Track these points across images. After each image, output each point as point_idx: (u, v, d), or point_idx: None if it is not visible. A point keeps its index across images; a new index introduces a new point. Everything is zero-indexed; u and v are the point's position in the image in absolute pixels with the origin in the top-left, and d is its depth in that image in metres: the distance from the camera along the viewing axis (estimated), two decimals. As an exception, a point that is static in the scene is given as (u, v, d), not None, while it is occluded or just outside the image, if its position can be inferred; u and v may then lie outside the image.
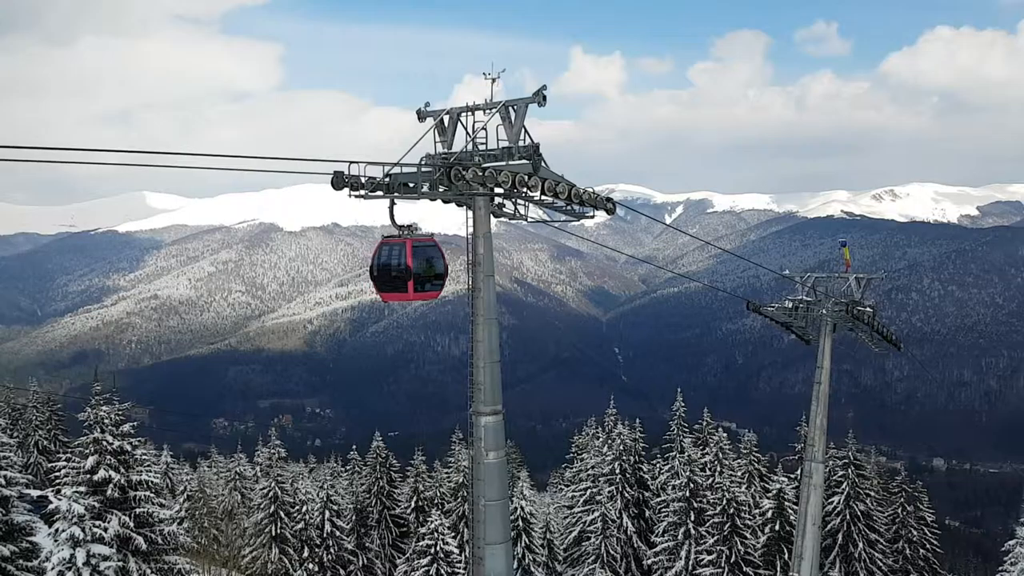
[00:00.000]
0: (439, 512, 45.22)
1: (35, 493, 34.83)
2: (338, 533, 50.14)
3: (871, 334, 34.98)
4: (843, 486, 47.13)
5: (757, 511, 45.40)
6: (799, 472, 40.22)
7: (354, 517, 53.66)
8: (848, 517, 46.74)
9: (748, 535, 42.36)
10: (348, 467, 64.11)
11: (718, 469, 48.08)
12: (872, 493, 49.43)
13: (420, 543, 42.39)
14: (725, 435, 51.66)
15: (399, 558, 50.53)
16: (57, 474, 30.36)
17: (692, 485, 43.75)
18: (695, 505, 43.57)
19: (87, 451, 27.46)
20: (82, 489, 25.81)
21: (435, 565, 40.42)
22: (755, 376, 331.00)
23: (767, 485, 48.00)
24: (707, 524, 42.71)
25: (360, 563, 51.65)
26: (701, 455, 48.97)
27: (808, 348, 35.09)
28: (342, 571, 50.02)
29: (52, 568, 23.49)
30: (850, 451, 47.90)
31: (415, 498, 55.06)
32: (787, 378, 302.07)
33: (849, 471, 47.43)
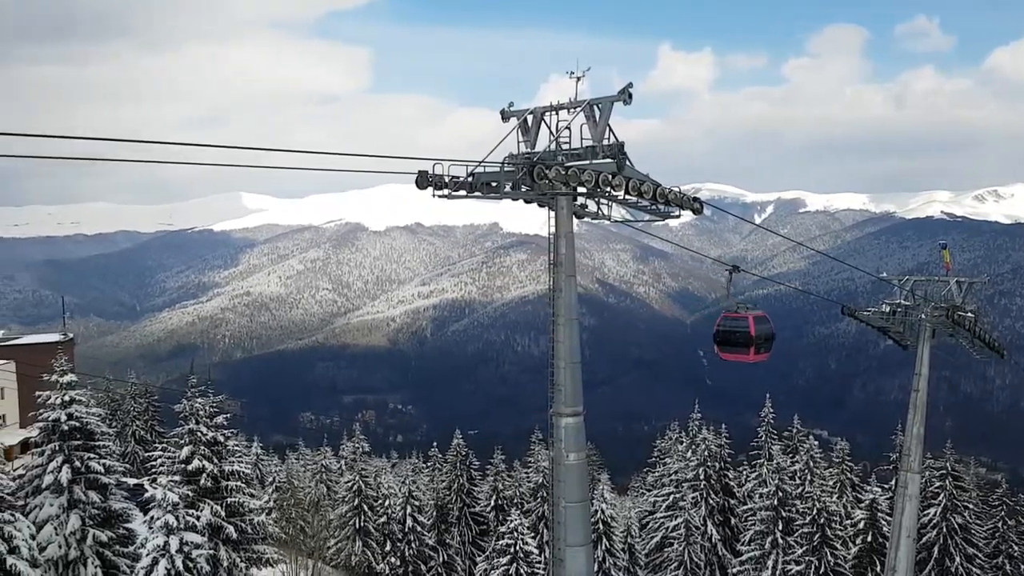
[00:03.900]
0: (519, 512, 45.30)
1: (132, 481, 36.40)
2: (419, 528, 50.76)
3: (972, 340, 33.30)
4: (940, 498, 45.15)
5: (848, 522, 44.23)
6: (894, 482, 38.90)
7: (435, 513, 54.24)
8: (945, 530, 44.75)
9: (839, 546, 41.29)
10: (429, 464, 64.89)
11: (808, 478, 46.76)
12: (971, 505, 47.16)
13: (500, 542, 42.52)
14: (816, 443, 50.25)
15: (479, 556, 50.79)
16: (153, 463, 31.68)
17: (781, 493, 42.72)
18: (783, 514, 42.55)
19: (182, 441, 28.51)
20: (177, 478, 26.78)
21: (515, 564, 40.47)
22: (849, 382, 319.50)
23: (859, 495, 46.64)
24: (796, 534, 41.75)
25: (440, 559, 52.16)
26: (790, 463, 47.75)
27: (905, 354, 33.64)
28: (423, 566, 50.60)
29: (147, 554, 24.38)
30: (948, 461, 45.96)
31: (495, 497, 55.32)
32: (882, 385, 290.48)
33: (947, 482, 45.43)
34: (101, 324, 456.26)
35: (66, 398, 28.56)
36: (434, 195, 17.20)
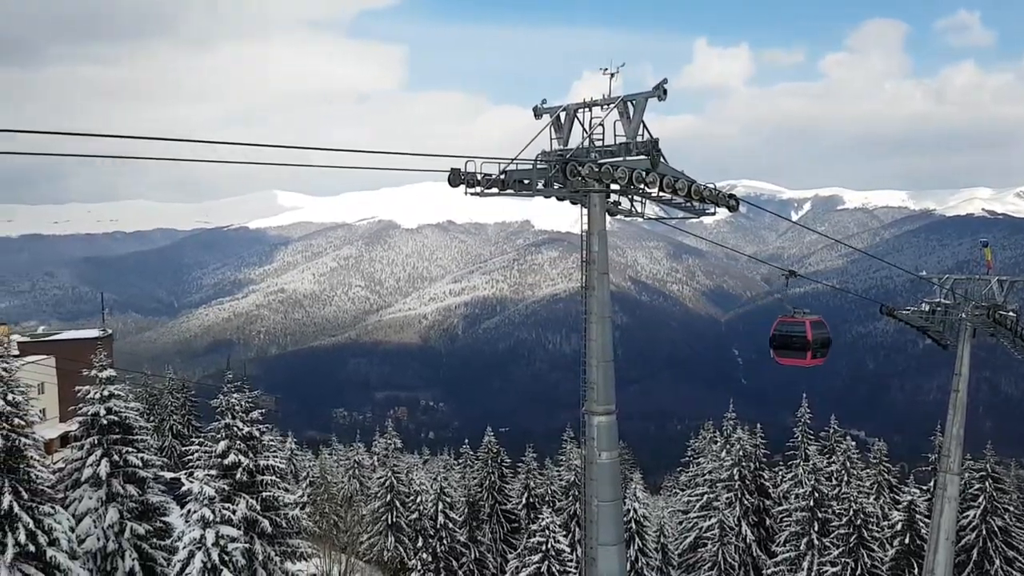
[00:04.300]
0: (550, 510, 45.28)
1: (169, 475, 36.90)
2: (451, 525, 50.89)
3: (1014, 340, 32.57)
4: (980, 500, 44.28)
5: (886, 523, 43.68)
6: (932, 484, 38.31)
7: (466, 510, 54.36)
8: (984, 532, 43.88)
9: (876, 548, 40.81)
10: (460, 460, 65.10)
11: (845, 478, 46.23)
12: (1011, 508, 46.18)
13: (531, 540, 42.50)
14: (853, 443, 49.68)
15: (510, 553, 50.81)
16: (190, 457, 32.09)
17: (817, 494, 42.34)
18: (819, 515, 42.19)
19: (219, 436, 28.80)
20: (213, 472, 27.07)
21: (546, 562, 40.42)
22: (886, 382, 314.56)
23: (897, 497, 45.99)
24: (832, 535, 41.36)
25: (472, 556, 52.27)
26: (827, 463, 47.26)
27: (945, 354, 33.00)
28: (455, 563, 50.73)
29: (183, 547, 24.73)
30: (988, 463, 45.03)
31: (526, 495, 55.33)
32: (921, 385, 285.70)
33: (987, 484, 44.53)
34: (139, 320, 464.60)
35: (105, 393, 29.07)
36: (466, 193, 17.20)
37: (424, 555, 48.51)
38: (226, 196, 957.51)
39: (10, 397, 24.19)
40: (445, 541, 50.05)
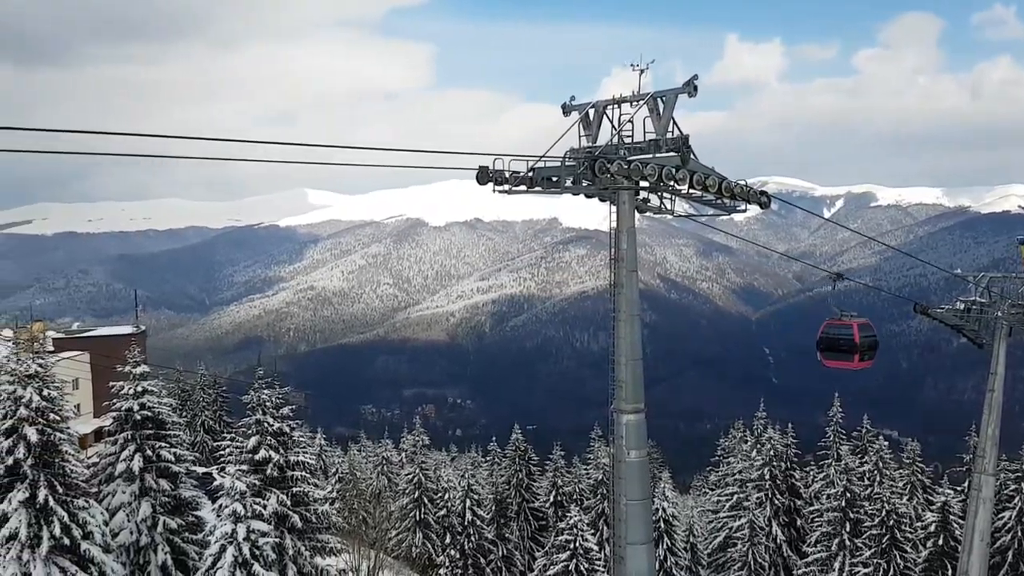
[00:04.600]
0: (578, 508, 45.18)
1: (201, 470, 37.34)
2: (479, 522, 51.02)
3: (1052, 339, 31.86)
4: (1015, 501, 43.42)
5: (919, 524, 43.14)
6: (966, 485, 37.73)
7: (494, 507, 54.46)
8: (1020, 534, 43.03)
9: (908, 549, 40.35)
10: (488, 458, 65.20)
11: (877, 479, 45.70)
12: (1049, 510, 45.28)
13: (559, 538, 42.43)
14: (886, 443, 49.11)
15: (538, 551, 50.81)
16: (221, 452, 32.45)
17: (848, 494, 41.95)
18: (851, 516, 41.81)
19: (249, 432, 29.09)
20: (244, 467, 27.34)
21: (574, 560, 40.33)
22: (920, 382, 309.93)
23: (931, 497, 45.36)
24: (864, 536, 41.02)
25: (500, 553, 52.36)
26: (859, 464, 46.78)
27: (980, 353, 32.38)
28: (482, 560, 50.87)
29: (215, 541, 24.98)
30: (1024, 463, 44.12)
31: (554, 493, 55.28)
32: (955, 384, 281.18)
33: (1023, 485, 43.67)
34: (172, 317, 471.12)
35: (138, 388, 29.47)
36: (494, 190, 17.20)
37: (452, 552, 48.67)
38: (257, 194, 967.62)
39: (45, 393, 24.58)
40: (473, 538, 50.19)
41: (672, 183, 16.06)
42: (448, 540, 49.88)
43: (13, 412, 23.91)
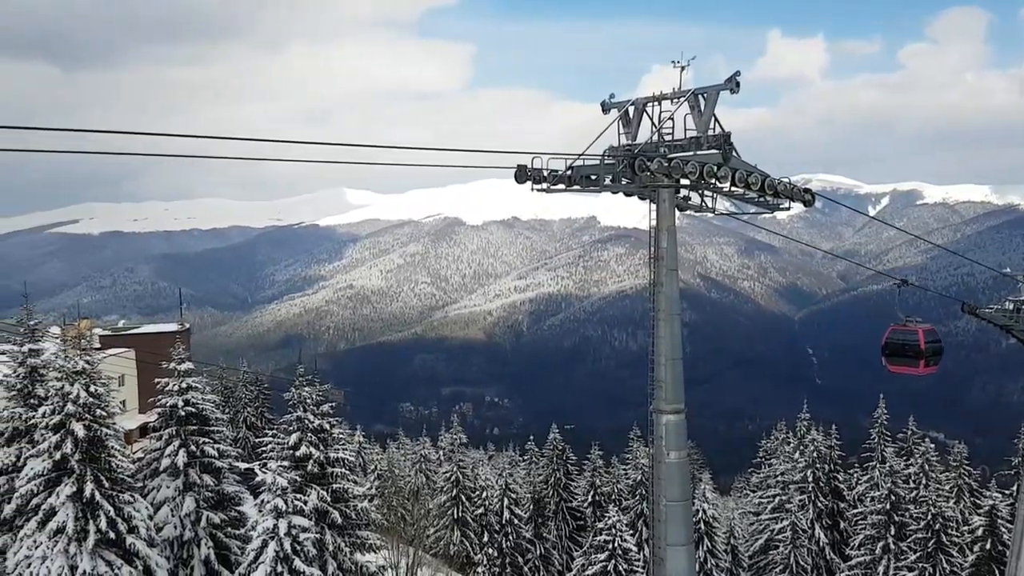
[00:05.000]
0: (616, 508, 44.94)
1: (243, 466, 37.79)
2: (516, 521, 51.01)
3: (1105, 341, 30.82)
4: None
5: (966, 528, 42.26)
6: (1016, 488, 36.75)
7: (532, 506, 54.41)
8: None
9: (955, 553, 39.58)
10: (525, 457, 65.18)
11: (923, 481, 44.70)
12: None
13: (597, 538, 42.26)
14: (932, 446, 47.94)
15: (576, 551, 50.68)
16: (263, 449, 32.84)
17: (893, 497, 41.27)
18: (896, 519, 41.11)
19: (291, 428, 29.40)
20: (285, 464, 27.64)
21: (613, 561, 40.15)
22: (968, 383, 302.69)
23: (978, 501, 44.36)
24: (909, 539, 40.31)
25: (538, 552, 52.31)
26: (904, 466, 45.86)
27: (1031, 354, 31.55)
28: (520, 559, 50.86)
29: (257, 536, 25.26)
30: (1077, 468, 42.93)
31: (592, 492, 55.05)
32: (1004, 386, 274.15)
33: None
34: (215, 315, 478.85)
35: (183, 385, 29.94)
36: (533, 189, 17.14)
37: (490, 550, 48.74)
38: (297, 194, 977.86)
39: (92, 389, 25.07)
40: (511, 537, 50.20)
41: (713, 181, 15.90)
42: (486, 538, 49.95)
43: (61, 408, 24.42)
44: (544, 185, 16.98)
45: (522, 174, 16.73)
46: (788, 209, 17.83)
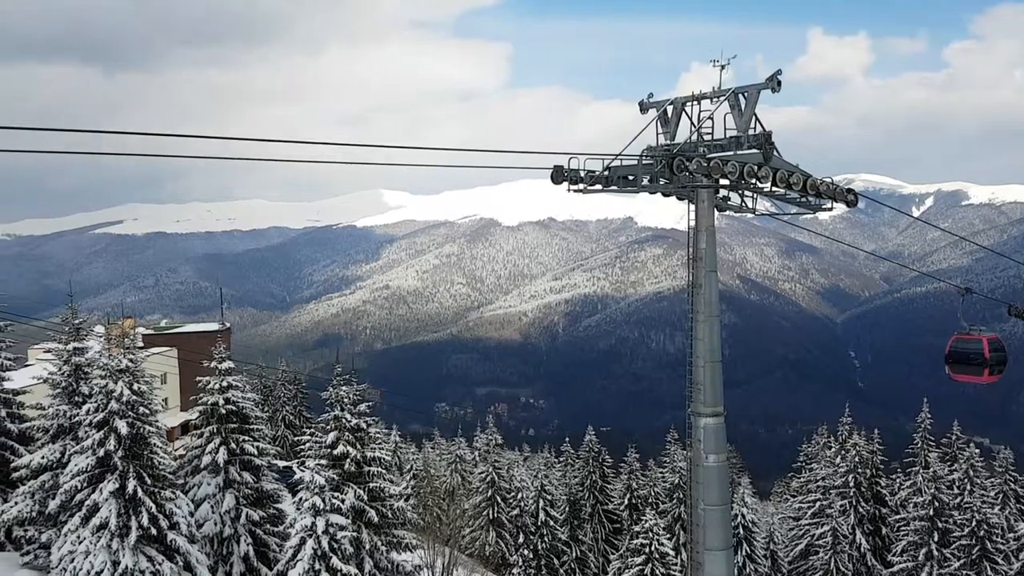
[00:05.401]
0: (653, 512, 44.60)
1: (281, 464, 38.20)
2: (552, 523, 50.88)
3: None
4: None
5: (1011, 535, 41.51)
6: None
7: (567, 508, 54.25)
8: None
9: (1000, 561, 38.86)
10: (561, 458, 64.96)
11: (968, 487, 43.70)
12: None
13: (634, 541, 41.98)
14: (977, 451, 46.78)
15: (612, 554, 50.40)
16: (301, 447, 33.12)
17: (937, 503, 40.46)
18: (940, 525, 40.29)
19: (328, 427, 29.59)
20: (323, 462, 27.82)
21: (650, 565, 39.83)
22: (1015, 388, 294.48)
23: (1025, 508, 43.04)
24: (953, 546, 39.60)
25: (573, 554, 52.13)
26: (948, 472, 44.91)
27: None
28: (555, 560, 50.71)
29: (295, 534, 25.49)
30: None
31: (629, 495, 54.74)
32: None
33: None
34: (255, 314, 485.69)
35: (224, 383, 30.31)
36: (569, 190, 17.05)
37: (525, 551, 48.72)
38: (334, 195, 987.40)
39: (136, 387, 25.47)
40: (546, 539, 50.10)
41: (754, 181, 15.71)
42: (521, 540, 49.93)
43: (105, 405, 24.87)
44: (581, 186, 16.88)
45: (559, 175, 16.65)
46: (830, 210, 17.56)
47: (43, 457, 27.41)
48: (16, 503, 27.35)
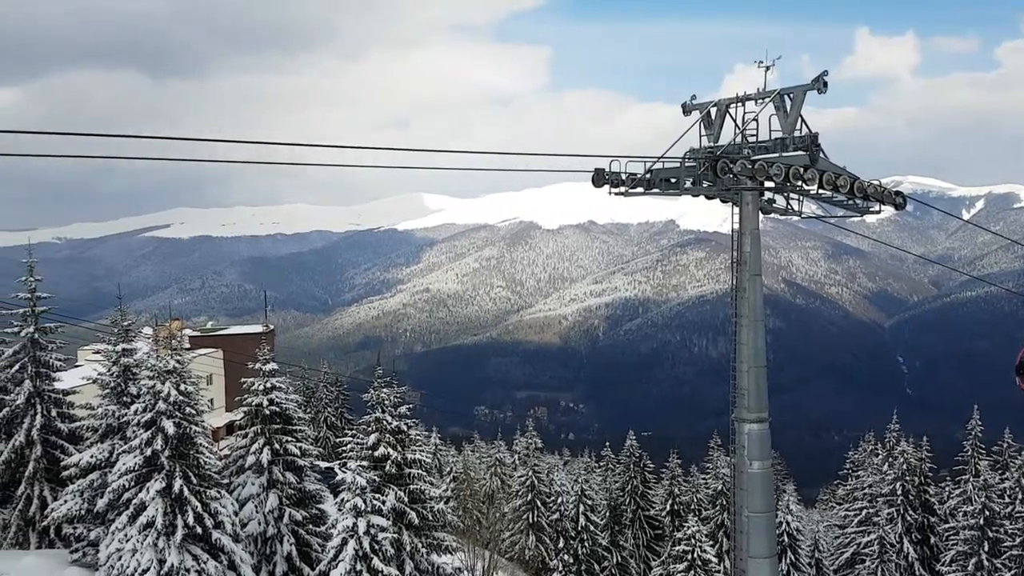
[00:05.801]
0: (696, 518, 44.13)
1: (323, 465, 38.54)
2: (592, 528, 50.61)
3: None
4: None
5: (1067, 548, 39.63)
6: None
7: (608, 513, 53.91)
8: None
9: (1055, 574, 37.13)
10: (602, 463, 64.60)
11: (1019, 496, 42.40)
12: None
13: (676, 548, 41.57)
14: (1030, 460, 45.37)
15: (653, 560, 49.99)
16: (343, 448, 33.37)
17: (988, 512, 39.47)
18: (990, 534, 39.30)
19: (369, 429, 29.80)
20: (364, 463, 28.01)
21: (692, 572, 39.41)
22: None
23: (1081, 519, 41.60)
24: (1003, 556, 38.67)
25: (614, 560, 51.78)
26: (999, 480, 43.65)
27: None
28: (596, 566, 50.42)
29: (337, 534, 25.71)
30: None
31: (670, 501, 54.24)
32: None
33: None
34: (297, 316, 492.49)
35: (268, 385, 30.68)
36: (610, 193, 17.03)
37: (565, 556, 48.51)
38: (376, 199, 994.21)
39: (182, 387, 25.90)
40: (586, 544, 49.83)
41: (800, 183, 15.47)
42: (561, 544, 49.74)
43: (152, 406, 25.33)
44: (622, 188, 16.83)
45: (600, 178, 16.62)
46: (878, 212, 17.19)
47: (92, 456, 27.99)
48: (66, 501, 27.97)
